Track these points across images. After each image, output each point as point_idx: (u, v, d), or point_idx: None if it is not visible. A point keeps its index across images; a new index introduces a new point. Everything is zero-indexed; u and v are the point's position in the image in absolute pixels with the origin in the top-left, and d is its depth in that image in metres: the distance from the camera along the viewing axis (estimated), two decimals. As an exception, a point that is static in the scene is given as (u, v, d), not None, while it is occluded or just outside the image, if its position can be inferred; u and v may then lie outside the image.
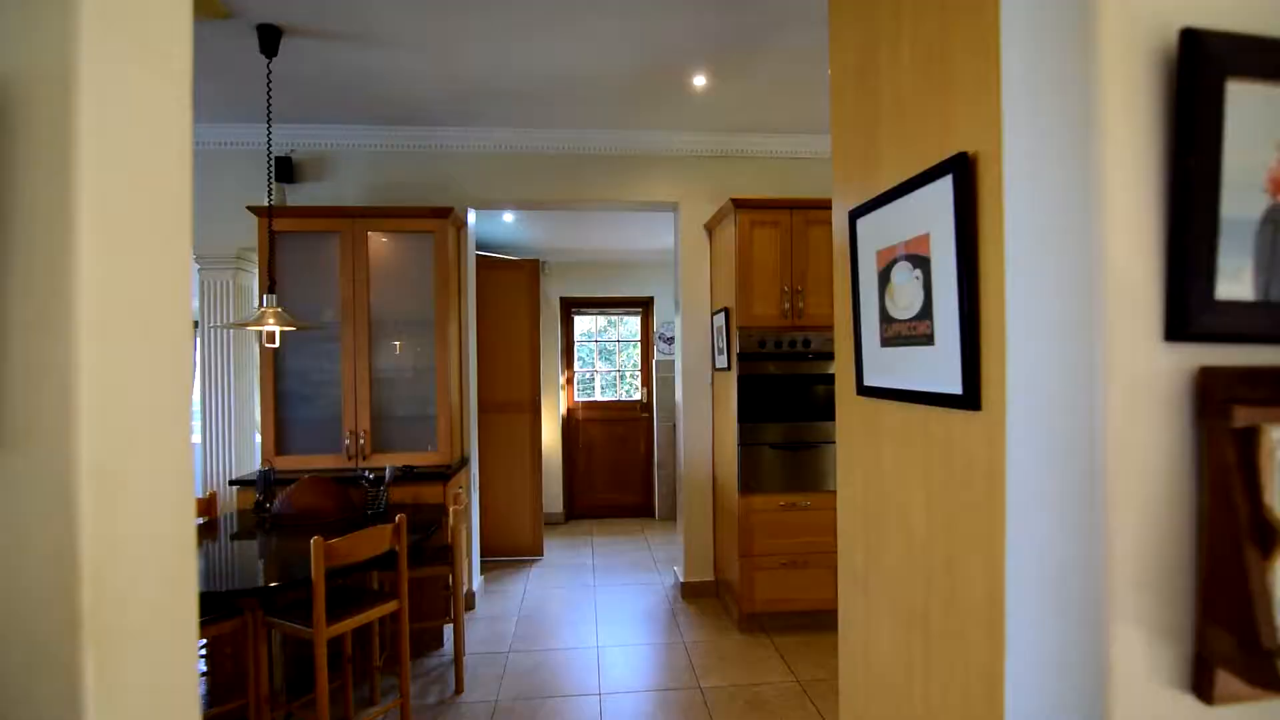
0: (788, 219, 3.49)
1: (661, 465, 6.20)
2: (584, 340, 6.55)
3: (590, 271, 6.23)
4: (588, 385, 6.53)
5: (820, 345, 3.50)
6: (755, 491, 3.46)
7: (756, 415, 3.46)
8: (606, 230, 5.44)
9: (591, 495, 6.33)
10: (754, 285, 3.46)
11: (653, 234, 5.52)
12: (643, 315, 6.45)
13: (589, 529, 5.94)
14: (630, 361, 6.57)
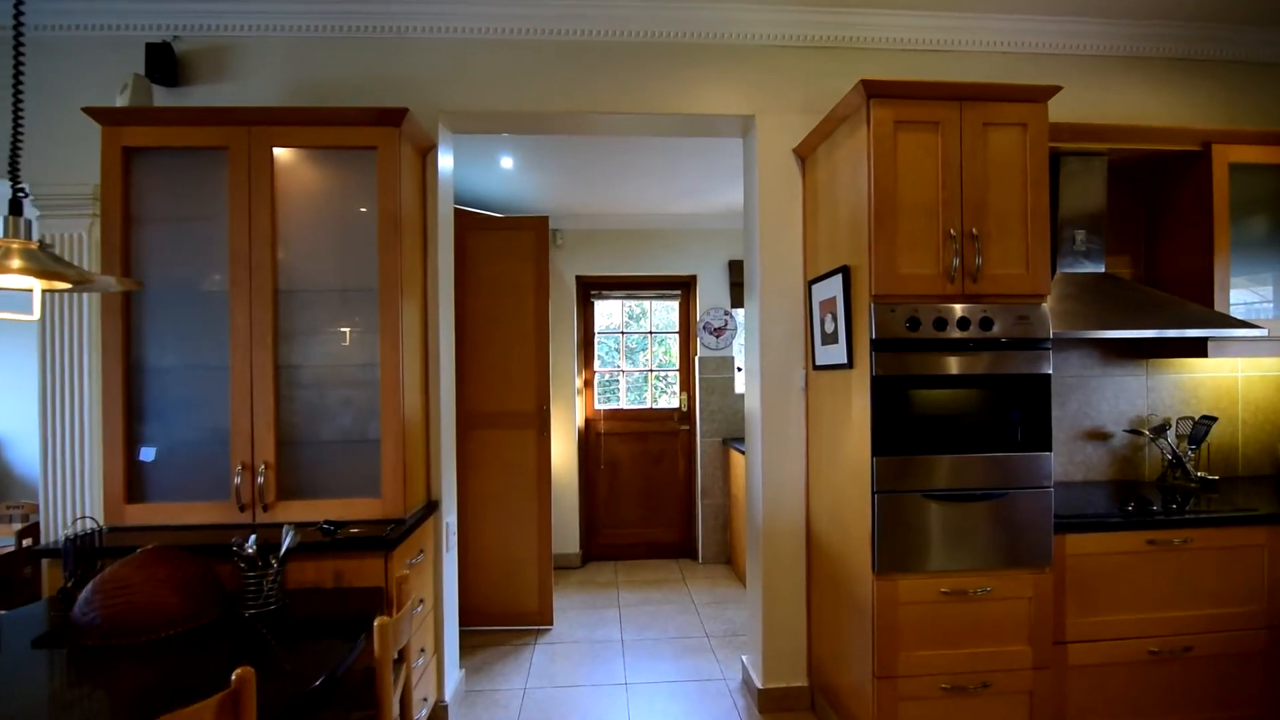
0: (955, 117, 2.10)
1: (706, 494, 4.82)
2: (606, 333, 5.20)
3: (615, 243, 4.87)
4: (610, 389, 5.19)
5: (1010, 328, 2.11)
6: (902, 569, 2.09)
7: (904, 443, 2.09)
8: (637, 183, 4.08)
9: (616, 530, 4.98)
10: (900, 228, 2.08)
11: (702, 186, 4.15)
12: (682, 300, 5.08)
13: (612, 576, 4.58)
14: (665, 359, 5.21)
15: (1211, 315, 2.39)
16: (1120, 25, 2.76)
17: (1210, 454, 2.86)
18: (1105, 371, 2.85)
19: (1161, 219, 2.75)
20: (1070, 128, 2.45)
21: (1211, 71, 2.90)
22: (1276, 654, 2.27)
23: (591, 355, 5.03)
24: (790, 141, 2.68)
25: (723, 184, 4.08)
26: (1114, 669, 2.21)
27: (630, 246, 4.87)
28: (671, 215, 4.81)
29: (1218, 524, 2.22)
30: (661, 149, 3.48)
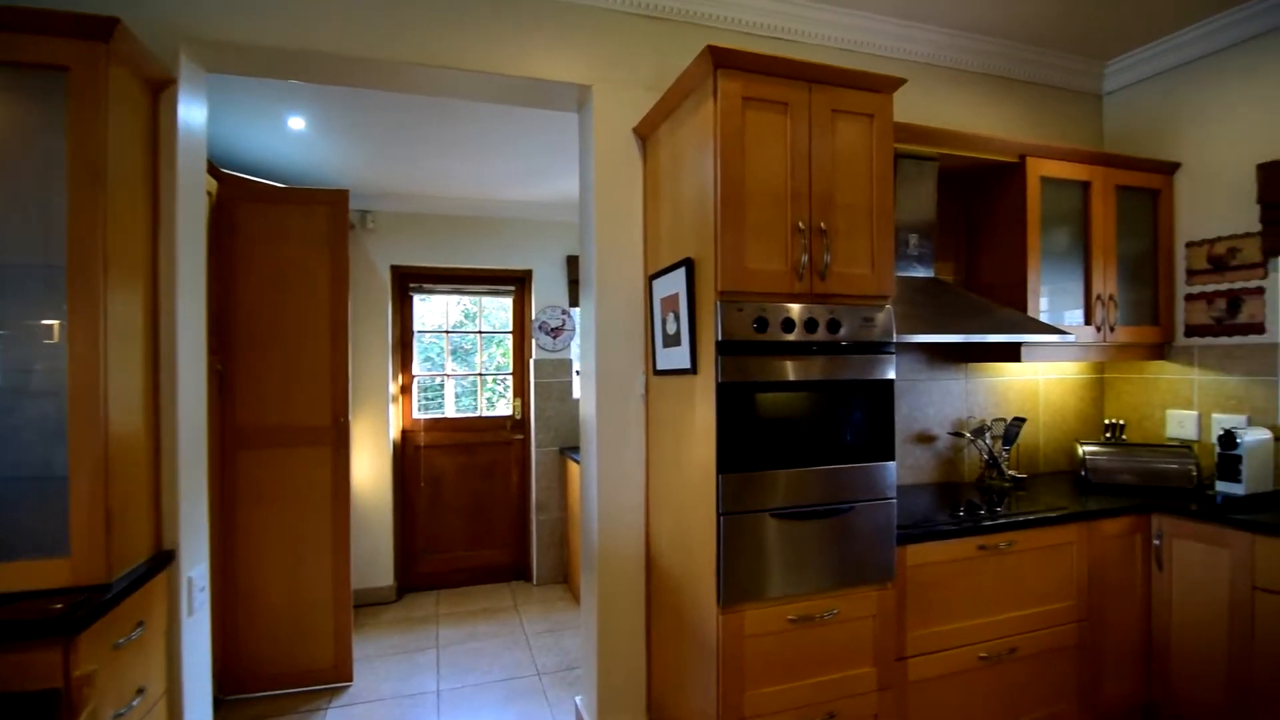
0: (804, 100, 1.92)
1: (542, 508, 4.44)
2: (429, 332, 4.62)
3: (440, 230, 4.33)
4: (435, 396, 4.62)
5: (857, 330, 1.97)
6: (749, 599, 1.86)
7: (751, 457, 1.86)
8: (467, 164, 3.60)
9: (439, 555, 4.42)
10: (748, 218, 1.86)
11: (540, 171, 3.76)
12: (516, 297, 4.65)
13: (433, 609, 4.04)
14: (503, 360, 4.75)
15: (1030, 321, 2.46)
16: (951, 36, 2.80)
17: (1019, 453, 3.01)
18: (932, 375, 2.89)
19: (982, 227, 2.84)
20: (908, 128, 2.41)
21: (1024, 92, 3.07)
22: (1087, 647, 2.37)
23: (410, 357, 4.43)
24: (630, 119, 2.40)
25: (562, 171, 3.73)
26: (949, 679, 2.17)
27: (458, 235, 4.36)
28: (506, 203, 4.38)
29: (1037, 525, 2.27)
30: (496, 124, 3.05)
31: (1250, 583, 2.17)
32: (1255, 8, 2.58)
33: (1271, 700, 2.12)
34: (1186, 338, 2.88)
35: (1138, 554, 2.47)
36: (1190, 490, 2.59)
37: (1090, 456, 2.78)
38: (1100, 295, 2.74)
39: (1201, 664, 2.31)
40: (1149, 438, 2.99)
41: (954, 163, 2.61)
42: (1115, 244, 2.78)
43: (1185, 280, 2.88)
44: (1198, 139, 2.84)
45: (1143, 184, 2.85)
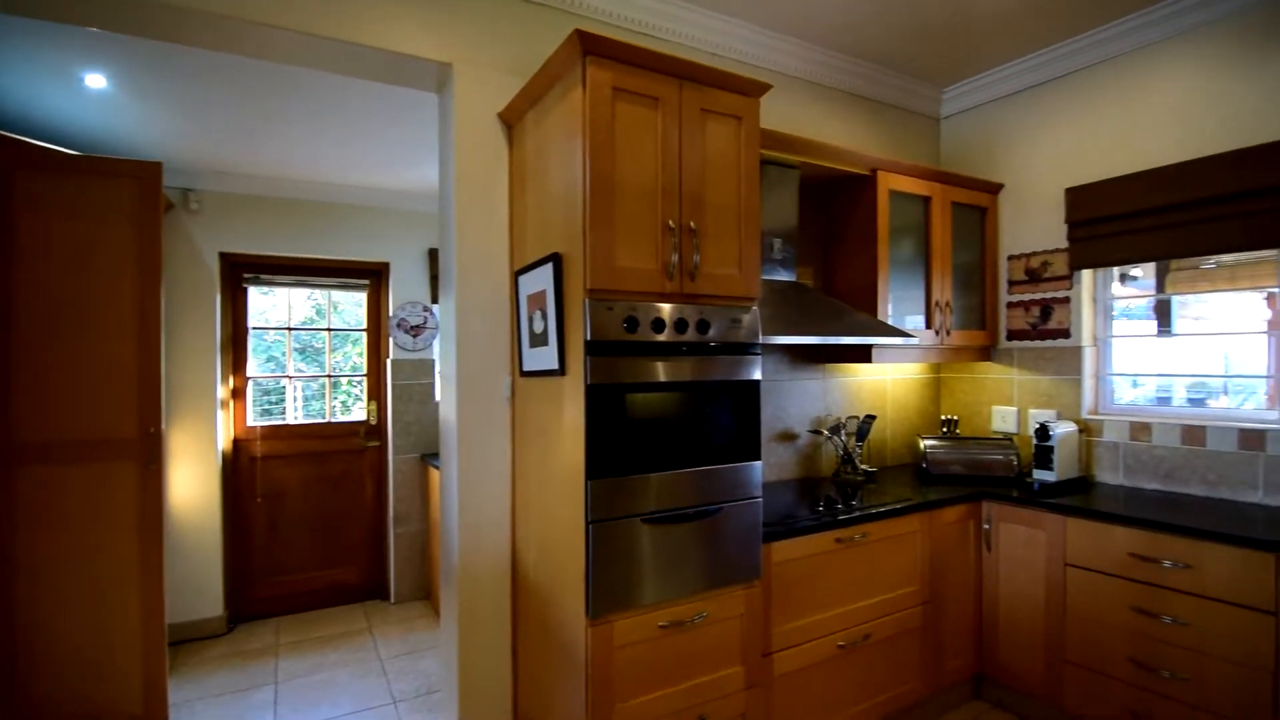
0: (675, 97, 1.89)
1: (401, 520, 4.13)
2: (271, 329, 4.15)
3: (282, 215, 3.89)
4: (277, 400, 4.16)
5: (725, 331, 1.97)
6: (619, 608, 1.79)
7: (621, 461, 1.80)
8: (316, 142, 3.25)
9: (280, 578, 3.98)
10: (618, 214, 1.79)
11: (401, 157, 3.48)
12: (372, 291, 4.29)
13: (273, 639, 3.62)
14: (352, 362, 4.36)
15: (881, 325, 2.61)
16: (811, 50, 2.92)
17: (870, 449, 3.20)
18: (793, 376, 3.00)
19: (838, 235, 2.98)
20: (773, 135, 2.47)
21: (874, 110, 3.27)
22: (929, 628, 2.55)
23: (244, 357, 3.95)
24: (495, 104, 2.25)
25: (426, 156, 3.48)
26: (812, 669, 2.23)
27: (304, 222, 3.94)
28: (362, 188, 4.02)
29: (887, 516, 2.40)
30: (350, 100, 2.76)
31: (1063, 560, 2.43)
32: (1060, 50, 2.92)
33: (1080, 665, 2.39)
34: (1008, 341, 3.21)
35: (971, 539, 2.70)
36: (1012, 478, 2.88)
37: (930, 450, 3.01)
38: (939, 301, 2.97)
39: (1023, 635, 2.57)
40: (978, 431, 3.30)
41: (814, 172, 2.71)
42: (951, 255, 3.03)
43: (1007, 290, 3.21)
44: (1018, 164, 3.17)
45: (973, 201, 3.14)
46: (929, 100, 3.43)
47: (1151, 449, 2.69)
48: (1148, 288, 2.97)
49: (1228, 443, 2.48)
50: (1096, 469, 2.86)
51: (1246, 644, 1.98)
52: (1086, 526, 2.36)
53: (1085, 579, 2.37)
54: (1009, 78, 3.15)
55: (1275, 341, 2.50)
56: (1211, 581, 2.05)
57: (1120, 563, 2.27)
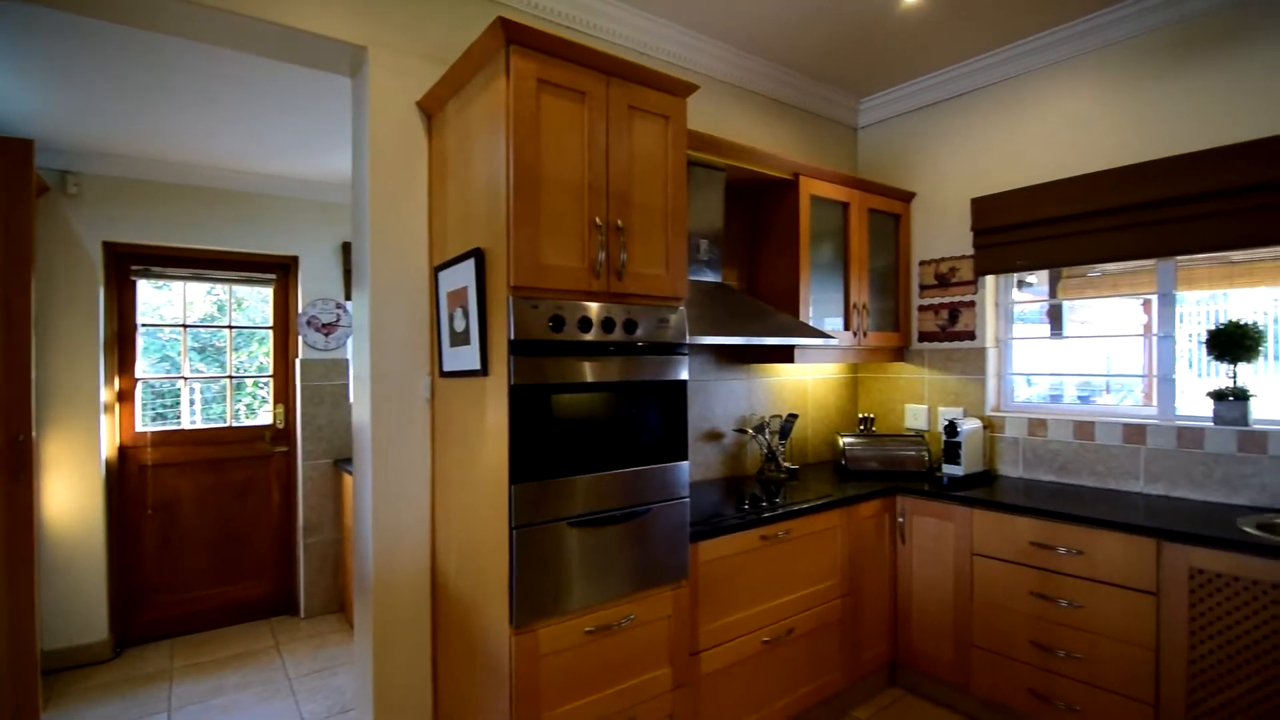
0: (602, 92, 1.86)
1: (312, 530, 3.90)
2: (165, 326, 3.83)
3: (176, 203, 3.59)
4: (172, 403, 3.84)
5: (652, 331, 1.96)
6: (544, 615, 1.75)
7: (547, 464, 1.75)
8: (215, 124, 3.02)
9: (175, 595, 3.67)
10: (544, 209, 1.75)
11: (313, 144, 3.28)
12: (279, 286, 4.03)
13: (167, 663, 3.33)
14: (258, 362, 4.08)
15: (803, 326, 2.67)
16: (737, 54, 2.96)
17: (792, 447, 3.28)
18: (719, 376, 3.03)
19: (762, 238, 3.04)
20: (700, 137, 2.48)
21: (797, 117, 3.35)
22: (848, 620, 2.62)
23: (132, 356, 3.62)
24: (414, 91, 2.15)
25: (338, 145, 3.30)
26: (737, 666, 2.26)
27: (202, 210, 3.65)
28: (268, 177, 3.77)
29: (810, 512, 2.46)
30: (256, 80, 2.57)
31: (970, 549, 2.56)
32: (967, 68, 3.08)
33: (986, 649, 2.53)
34: (919, 343, 3.36)
35: (886, 532, 2.80)
36: (924, 473, 3.02)
37: (848, 447, 3.12)
38: (856, 304, 3.08)
39: (935, 623, 2.69)
40: (893, 429, 3.45)
41: (739, 175, 2.75)
42: (868, 259, 3.15)
43: (919, 294, 3.37)
44: (929, 174, 3.33)
45: (888, 209, 3.27)
46: (848, 110, 3.55)
47: (1047, 443, 2.88)
48: (1042, 294, 3.19)
49: (1113, 437, 2.69)
50: (999, 463, 3.04)
51: (1132, 623, 2.15)
52: (991, 517, 2.50)
53: (990, 567, 2.50)
54: (921, 92, 3.30)
55: (1150, 344, 2.73)
56: (1102, 566, 2.22)
57: (1021, 551, 2.41)
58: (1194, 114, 2.48)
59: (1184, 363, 2.64)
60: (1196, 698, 2.02)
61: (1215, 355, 2.41)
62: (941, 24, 2.73)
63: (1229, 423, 2.38)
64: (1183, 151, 2.48)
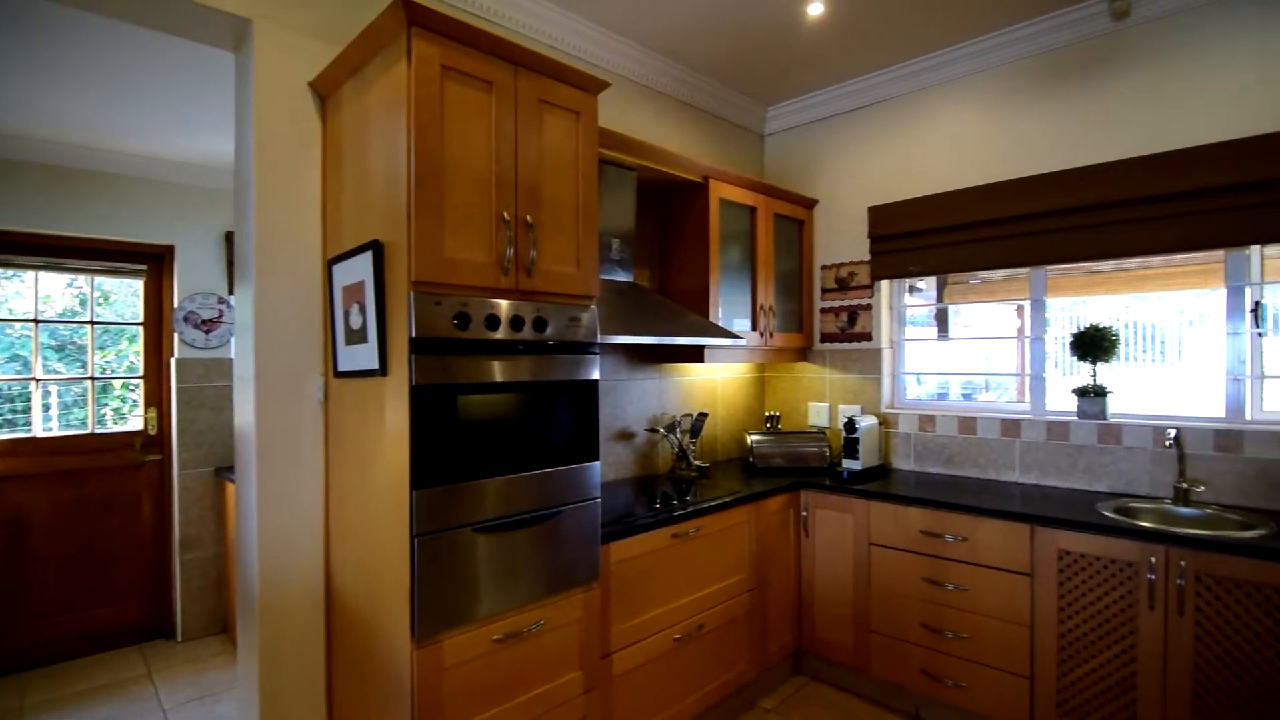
0: (511, 83, 1.81)
1: (190, 545, 3.57)
2: (14, 321, 3.39)
3: (25, 182, 3.18)
4: (20, 408, 3.40)
5: (563, 330, 1.92)
6: (449, 625, 1.67)
7: (451, 468, 1.68)
8: (71, 92, 2.70)
9: (24, 624, 3.26)
10: (448, 201, 1.67)
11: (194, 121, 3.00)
12: (151, 278, 3.67)
13: (15, 701, 2.95)
14: (128, 362, 3.70)
15: (712, 326, 2.71)
16: (649, 55, 2.96)
17: (702, 445, 3.33)
18: (631, 375, 3.03)
19: (673, 239, 3.06)
20: (612, 135, 2.47)
21: (707, 121, 3.41)
22: (756, 613, 2.69)
23: (-28, 356, 3.18)
24: (306, 71, 2.01)
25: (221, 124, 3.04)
26: (649, 665, 2.26)
27: (60, 192, 3.26)
28: (140, 157, 3.42)
29: (719, 509, 2.50)
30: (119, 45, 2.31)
31: (868, 540, 2.69)
32: (865, 82, 3.24)
33: (883, 634, 2.66)
34: (821, 343, 3.50)
35: (791, 526, 2.90)
36: (826, 468, 3.14)
37: (755, 445, 3.20)
38: (763, 306, 3.17)
39: (836, 611, 2.81)
40: (797, 426, 3.57)
41: (650, 175, 2.76)
42: (774, 262, 3.24)
43: (820, 296, 3.51)
44: (830, 182, 3.47)
45: (792, 214, 3.39)
46: (755, 117, 3.65)
47: (936, 438, 3.08)
48: (931, 298, 3.40)
49: (993, 431, 2.90)
50: (894, 457, 3.22)
51: (1010, 602, 2.32)
52: (886, 509, 2.64)
53: (886, 556, 2.64)
54: (823, 103, 3.45)
55: (1023, 346, 2.97)
56: (984, 551, 2.38)
57: (914, 539, 2.56)
58: (1059, 136, 2.72)
59: (1052, 363, 2.89)
60: (1065, 668, 2.21)
61: (1078, 355, 2.66)
62: (841, 40, 2.86)
63: (1090, 417, 2.63)
64: (1050, 170, 2.71)
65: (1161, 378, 2.79)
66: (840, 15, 2.66)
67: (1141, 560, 2.05)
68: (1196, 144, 2.39)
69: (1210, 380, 2.52)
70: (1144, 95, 2.53)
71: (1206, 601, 1.95)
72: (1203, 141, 2.38)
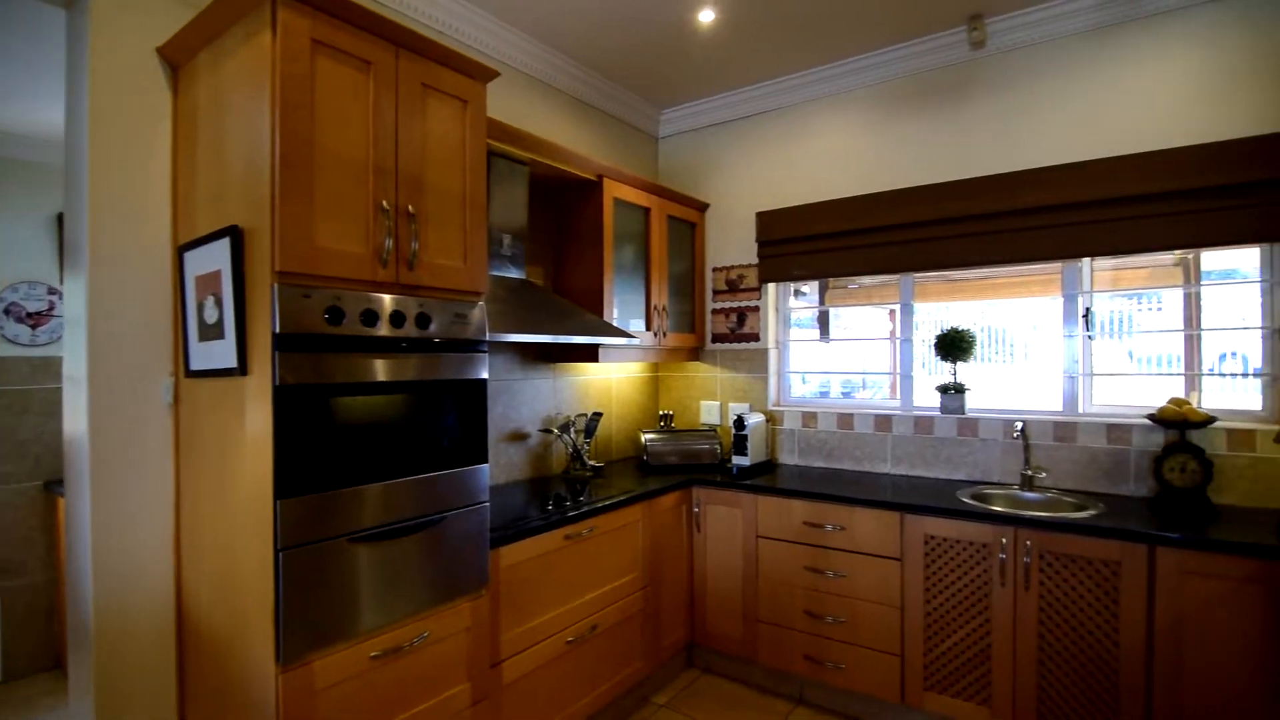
0: (392, 64, 1.70)
1: (11, 570, 3.11)
2: None
3: None
4: None
5: (448, 327, 1.84)
6: (321, 645, 1.55)
7: (324, 475, 1.55)
8: None
9: None
10: (319, 186, 1.55)
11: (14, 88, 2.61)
12: (-41, 268, 3.15)
13: None
14: (-80, 363, 3.15)
15: (607, 326, 2.70)
16: (541, 49, 2.91)
17: (597, 444, 3.32)
18: (525, 375, 2.96)
19: (568, 237, 3.03)
20: (503, 128, 2.39)
21: (602, 120, 3.40)
22: (649, 610, 2.70)
23: None
24: (154, 35, 1.80)
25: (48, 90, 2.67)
26: (542, 670, 2.21)
27: None
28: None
29: (612, 509, 2.49)
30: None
31: (755, 533, 2.78)
32: (754, 92, 3.36)
33: (770, 623, 2.75)
34: (713, 343, 3.59)
35: (684, 522, 2.94)
36: (716, 465, 3.22)
37: (649, 443, 3.23)
38: (657, 306, 3.20)
39: (726, 603, 2.88)
40: (690, 424, 3.64)
41: (544, 171, 2.71)
42: (668, 264, 3.29)
43: (712, 298, 3.60)
44: (721, 186, 3.57)
45: (685, 217, 3.45)
46: (650, 119, 3.69)
47: (818, 433, 3.23)
48: (814, 301, 3.58)
49: (868, 426, 3.09)
50: (780, 452, 3.35)
51: (883, 586, 2.48)
52: (772, 502, 2.74)
53: (772, 548, 2.74)
54: (715, 109, 3.54)
55: (895, 347, 3.19)
56: (860, 538, 2.53)
57: (797, 530, 2.67)
58: (925, 153, 2.94)
59: (920, 363, 3.12)
60: (931, 644, 2.38)
61: (941, 356, 2.88)
62: (732, 50, 2.94)
63: (951, 412, 2.86)
64: (916, 185, 2.93)
65: (1012, 376, 3.08)
66: (730, 25, 2.73)
67: (994, 541, 2.25)
68: (1038, 166, 2.66)
69: (1051, 378, 2.81)
70: (996, 119, 2.79)
71: (1048, 576, 2.17)
72: (1043, 164, 2.65)
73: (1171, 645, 1.98)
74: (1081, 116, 2.61)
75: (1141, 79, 2.50)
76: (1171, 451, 2.33)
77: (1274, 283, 2.35)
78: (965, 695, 2.31)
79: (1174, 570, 1.97)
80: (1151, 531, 2.02)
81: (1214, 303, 2.60)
